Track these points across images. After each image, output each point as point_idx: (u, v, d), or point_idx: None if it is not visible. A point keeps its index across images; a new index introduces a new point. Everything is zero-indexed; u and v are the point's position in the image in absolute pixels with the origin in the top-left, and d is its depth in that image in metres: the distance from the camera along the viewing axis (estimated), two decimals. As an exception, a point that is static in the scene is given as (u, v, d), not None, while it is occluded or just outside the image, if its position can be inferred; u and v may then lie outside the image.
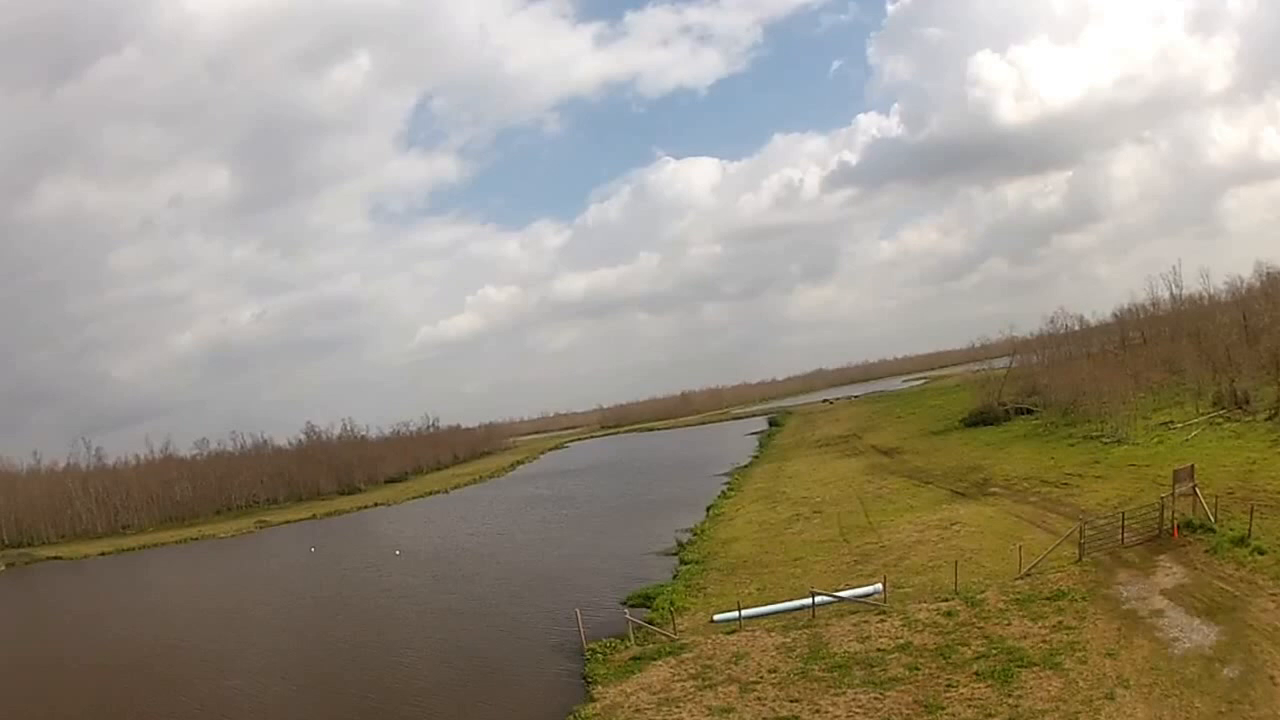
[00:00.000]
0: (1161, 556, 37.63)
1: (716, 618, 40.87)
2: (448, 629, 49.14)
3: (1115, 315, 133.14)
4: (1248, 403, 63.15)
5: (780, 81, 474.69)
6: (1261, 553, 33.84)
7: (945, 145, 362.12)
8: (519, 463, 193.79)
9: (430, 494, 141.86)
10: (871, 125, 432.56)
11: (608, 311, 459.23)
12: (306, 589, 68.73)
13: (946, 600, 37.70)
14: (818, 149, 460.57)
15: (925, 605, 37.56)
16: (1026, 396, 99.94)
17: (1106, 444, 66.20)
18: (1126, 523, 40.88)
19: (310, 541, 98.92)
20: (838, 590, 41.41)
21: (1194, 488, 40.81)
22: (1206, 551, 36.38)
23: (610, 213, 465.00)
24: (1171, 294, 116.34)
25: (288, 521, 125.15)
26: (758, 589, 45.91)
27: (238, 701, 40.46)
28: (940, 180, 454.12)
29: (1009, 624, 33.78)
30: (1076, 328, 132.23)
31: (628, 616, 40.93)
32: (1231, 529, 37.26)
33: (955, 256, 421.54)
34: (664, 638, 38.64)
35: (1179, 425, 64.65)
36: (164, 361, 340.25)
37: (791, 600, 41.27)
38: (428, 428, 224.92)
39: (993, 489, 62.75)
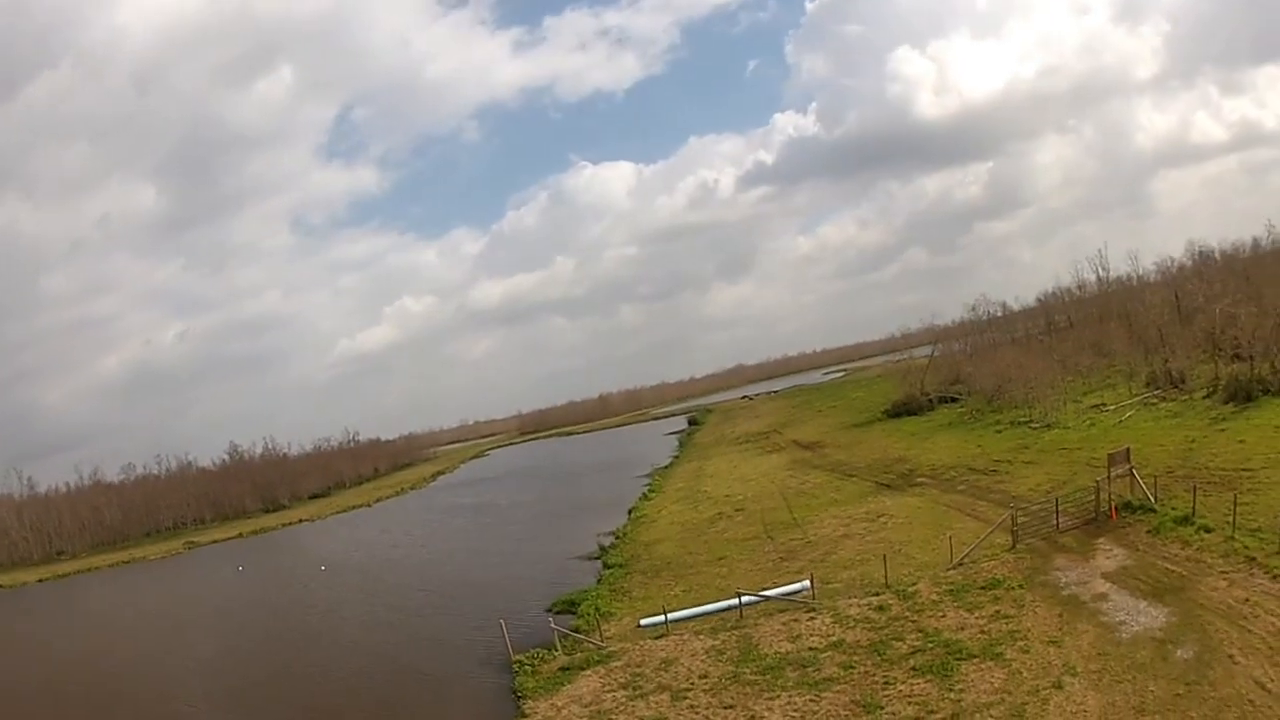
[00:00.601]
0: (1100, 539, 38.09)
1: (643, 622, 41.02)
2: (376, 644, 49.80)
3: (1040, 300, 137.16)
4: (1183, 382, 65.04)
5: (697, 83, 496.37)
6: (1208, 530, 34.37)
7: (863, 141, 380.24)
8: (440, 473, 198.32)
9: (353, 508, 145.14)
10: (788, 124, 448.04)
11: (524, 318, 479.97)
12: (234, 609, 70.59)
13: (877, 594, 37.65)
14: (734, 149, 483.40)
15: (855, 601, 37.48)
16: (950, 385, 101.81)
17: (1036, 429, 67.61)
18: (1061, 507, 41.37)
19: (237, 561, 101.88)
20: (764, 589, 41.44)
21: (1131, 469, 41.45)
22: (1148, 532, 36.85)
23: (527, 219, 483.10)
24: (1098, 276, 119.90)
25: (215, 541, 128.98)
26: (683, 590, 46.09)
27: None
28: (858, 175, 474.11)
29: (944, 616, 33.74)
30: (999, 314, 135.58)
31: (553, 626, 41.46)
32: (1174, 508, 37.86)
33: (873, 248, 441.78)
34: (591, 646, 38.99)
35: (1111, 407, 66.37)
36: (91, 386, 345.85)
37: (718, 601, 41.41)
38: (348, 442, 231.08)
39: (919, 479, 63.52)
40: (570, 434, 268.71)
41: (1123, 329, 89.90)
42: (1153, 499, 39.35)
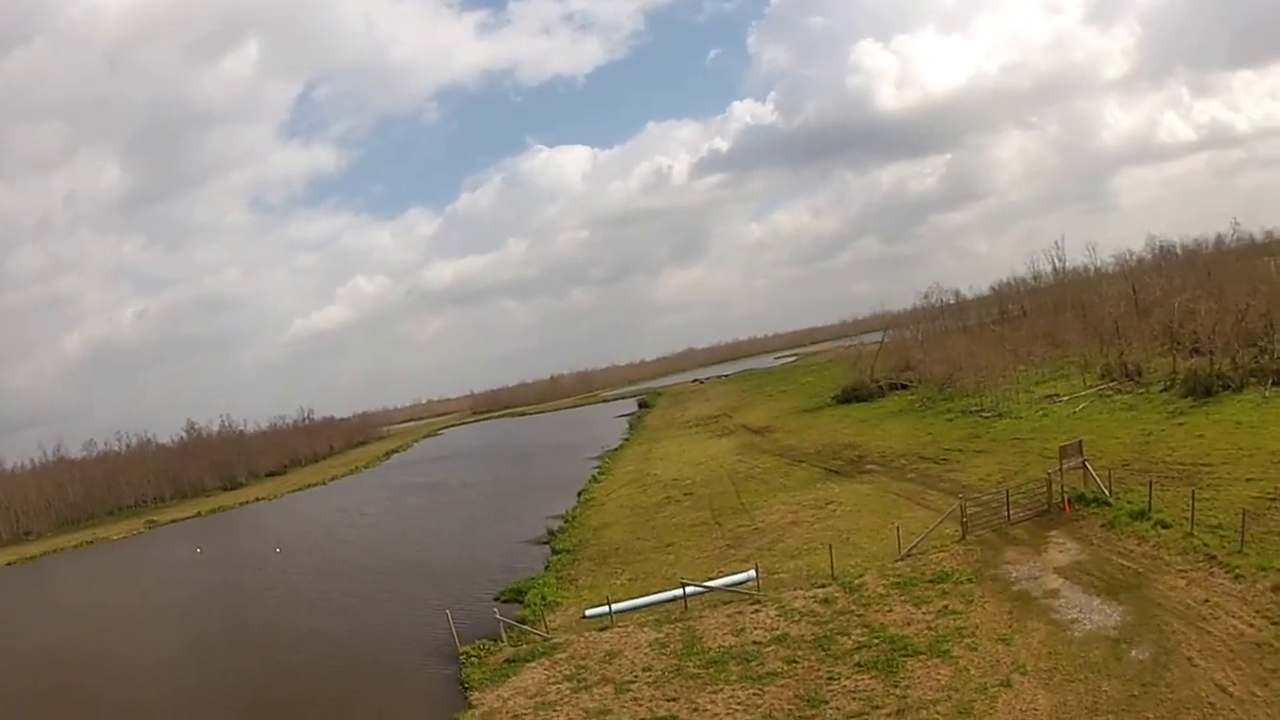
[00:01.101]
0: (1053, 532, 37.78)
1: (588, 613, 41.07)
2: (330, 631, 50.21)
3: (994, 289, 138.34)
4: (1140, 374, 65.34)
5: (658, 69, 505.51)
6: (1165, 526, 33.95)
7: (821, 130, 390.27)
8: (394, 451, 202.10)
9: (309, 486, 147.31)
10: (746, 112, 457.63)
11: (476, 299, 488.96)
12: (195, 593, 71.16)
13: (823, 586, 37.20)
14: (690, 136, 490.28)
15: (801, 592, 37.04)
16: (901, 372, 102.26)
17: (987, 418, 67.77)
18: (1013, 498, 41.06)
19: (197, 541, 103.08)
20: (709, 579, 41.24)
21: (1084, 463, 41.16)
22: (1103, 526, 36.53)
23: (481, 201, 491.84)
24: (1054, 267, 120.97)
25: (175, 520, 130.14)
26: (629, 579, 45.90)
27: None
28: (814, 164, 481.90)
29: (890, 610, 33.26)
30: (952, 302, 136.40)
31: (498, 617, 41.65)
32: (1130, 502, 37.57)
33: (827, 236, 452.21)
34: (537, 637, 39.26)
35: (1065, 398, 66.71)
36: (54, 364, 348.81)
37: (663, 592, 41.19)
38: (304, 420, 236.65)
39: (868, 466, 63.46)
40: (522, 414, 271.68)
41: (1078, 320, 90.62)
42: (1107, 492, 39.13)
